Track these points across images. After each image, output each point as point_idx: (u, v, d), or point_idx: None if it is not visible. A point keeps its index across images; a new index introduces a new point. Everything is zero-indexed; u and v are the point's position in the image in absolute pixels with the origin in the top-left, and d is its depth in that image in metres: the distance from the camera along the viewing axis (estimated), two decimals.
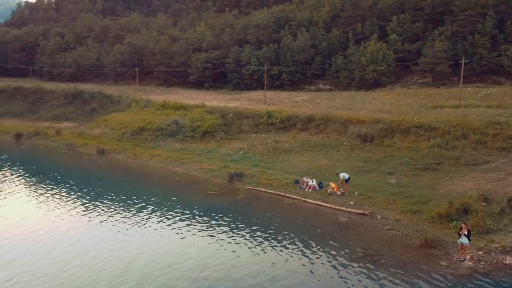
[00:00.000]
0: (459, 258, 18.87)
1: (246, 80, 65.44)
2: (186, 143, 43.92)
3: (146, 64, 76.44)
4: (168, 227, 24.00)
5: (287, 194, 28.72)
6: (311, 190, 28.99)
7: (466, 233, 18.77)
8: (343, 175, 28.36)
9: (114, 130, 51.07)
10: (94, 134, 52.30)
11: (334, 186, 28.54)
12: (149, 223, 24.64)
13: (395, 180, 29.06)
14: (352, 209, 25.38)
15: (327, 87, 61.51)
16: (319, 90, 60.99)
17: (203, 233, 23.02)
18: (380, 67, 55.13)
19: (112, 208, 27.17)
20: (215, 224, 24.25)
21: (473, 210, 22.45)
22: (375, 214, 24.48)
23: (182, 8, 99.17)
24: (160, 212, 26.38)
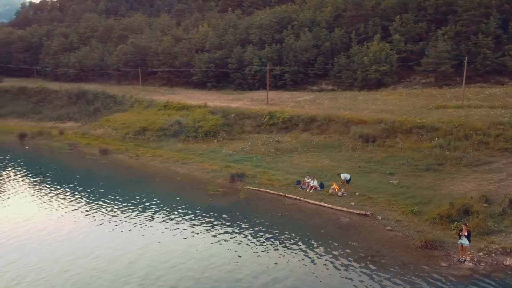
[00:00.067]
0: (460, 259, 18.87)
1: (249, 80, 65.47)
2: (188, 143, 44.02)
3: (149, 64, 76.65)
4: (170, 227, 24.09)
5: (288, 194, 28.75)
6: (312, 190, 29.01)
7: (466, 234, 18.77)
8: (345, 175, 28.37)
9: (117, 130, 51.27)
10: (97, 134, 52.50)
11: (335, 186, 28.57)
12: (151, 223, 24.76)
13: (396, 180, 29.03)
14: (353, 209, 25.38)
15: (330, 87, 61.43)
16: (322, 90, 60.91)
17: (205, 233, 23.12)
18: (382, 67, 55.02)
19: (114, 208, 27.34)
20: (217, 225, 24.34)
21: (474, 211, 22.40)
22: (376, 214, 24.48)
23: (185, 8, 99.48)
24: (162, 212, 26.49)
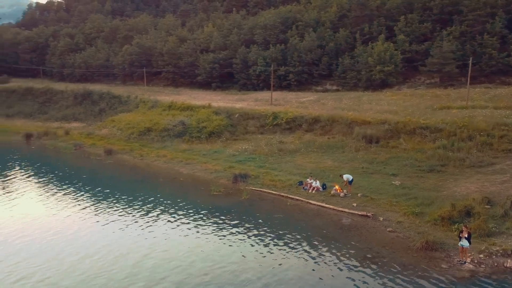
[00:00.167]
0: (460, 261, 18.85)
1: (253, 80, 65.54)
2: (192, 144, 44.19)
3: (154, 65, 76.94)
4: (173, 228, 24.20)
5: (290, 195, 28.79)
6: (315, 191, 29.04)
7: (466, 236, 18.75)
8: (347, 176, 28.37)
9: (122, 130, 51.55)
10: (102, 135, 52.82)
11: (337, 187, 28.59)
12: (155, 223, 24.87)
13: (399, 181, 29.01)
14: (354, 210, 25.39)
15: (334, 87, 61.36)
16: (326, 90, 60.84)
17: (207, 234, 23.21)
18: (387, 67, 54.88)
19: (119, 209, 27.52)
20: (219, 225, 24.44)
21: (475, 212, 22.35)
22: (377, 216, 24.47)
23: (190, 9, 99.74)
24: (165, 213, 26.63)
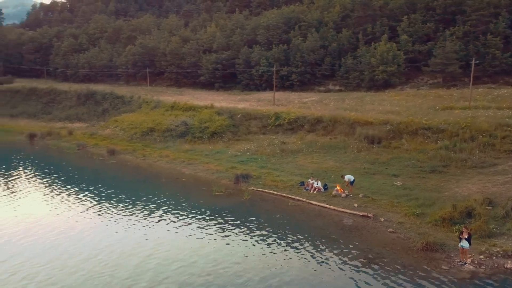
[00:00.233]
0: (460, 262, 18.84)
1: (256, 80, 65.60)
2: (194, 144, 44.28)
3: (157, 65, 77.15)
4: (174, 228, 24.24)
5: (292, 195, 28.82)
6: (316, 192, 29.06)
7: (466, 237, 18.72)
8: (348, 177, 28.36)
9: (125, 130, 51.71)
10: (105, 135, 53.01)
11: (339, 188, 28.60)
12: (157, 224, 24.94)
13: (400, 182, 28.98)
14: (355, 211, 25.39)
15: (337, 87, 61.34)
16: (329, 91, 60.84)
17: (208, 234, 23.24)
18: (390, 67, 54.81)
19: (121, 209, 27.63)
20: (220, 226, 24.51)
21: (476, 213, 22.31)
22: (378, 216, 24.47)
23: (193, 9, 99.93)
24: (167, 213, 26.71)
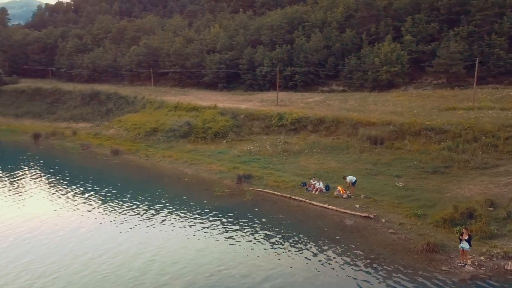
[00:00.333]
0: (460, 263, 18.82)
1: (259, 81, 65.63)
2: (197, 144, 44.43)
3: (161, 65, 77.35)
4: (177, 229, 24.29)
5: (293, 196, 28.86)
6: (318, 192, 29.08)
7: (466, 238, 18.70)
8: (350, 178, 28.34)
9: (129, 131, 51.95)
10: (109, 135, 53.28)
11: (340, 188, 28.62)
12: (159, 225, 25.02)
13: (402, 183, 28.94)
14: (357, 212, 25.40)
15: (340, 88, 61.26)
16: (332, 91, 60.77)
17: (211, 235, 23.31)
18: (393, 68, 54.66)
19: (125, 209, 27.77)
20: (221, 226, 24.59)
21: (477, 214, 22.26)
22: (379, 217, 24.46)
23: (197, 9, 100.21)
24: (169, 214, 26.83)
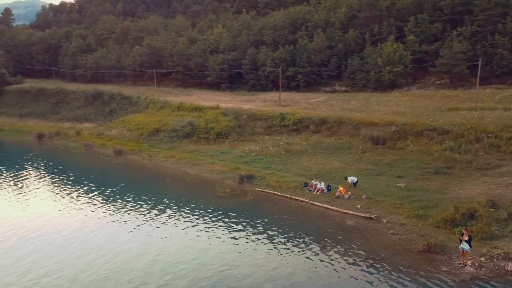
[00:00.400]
0: (460, 264, 18.82)
1: (262, 81, 65.77)
2: (200, 145, 44.55)
3: (164, 66, 77.60)
4: (179, 230, 24.35)
5: (295, 196, 28.89)
6: (320, 193, 29.12)
7: (466, 239, 18.70)
8: (351, 178, 28.34)
9: (131, 131, 52.13)
10: (112, 135, 53.47)
11: (342, 189, 28.64)
12: (161, 225, 25.06)
13: (404, 183, 28.93)
14: (358, 212, 25.41)
15: (343, 88, 61.28)
16: (335, 91, 60.81)
17: (213, 235, 23.38)
18: (396, 68, 54.66)
19: (128, 209, 27.88)
20: (222, 226, 24.68)
21: (478, 215, 22.24)
22: (381, 218, 24.47)
23: (200, 10, 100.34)
24: (172, 214, 26.93)
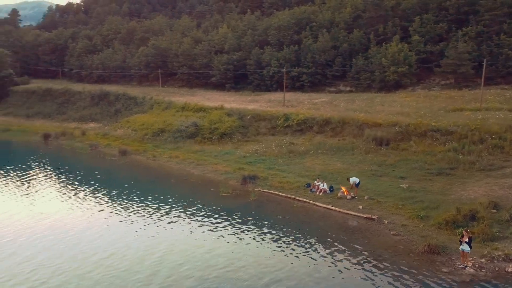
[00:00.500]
0: (461, 265, 18.86)
1: (267, 81, 65.86)
2: (204, 145, 44.76)
3: (169, 66, 77.93)
4: (184, 230, 24.53)
5: (297, 197, 29.01)
6: (322, 193, 29.22)
7: (466, 240, 18.75)
8: (354, 179, 28.43)
9: (136, 131, 52.47)
10: (118, 135, 53.84)
11: (344, 190, 28.72)
12: (168, 225, 25.30)
13: (406, 184, 28.96)
14: (360, 213, 25.49)
15: (348, 88, 61.23)
16: (340, 91, 60.75)
17: (214, 235, 23.59)
18: (401, 68, 54.51)
19: (133, 209, 28.13)
20: (226, 227, 24.85)
21: (480, 217, 22.25)
22: (382, 219, 24.54)
23: (205, 10, 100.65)
24: (176, 214, 27.11)
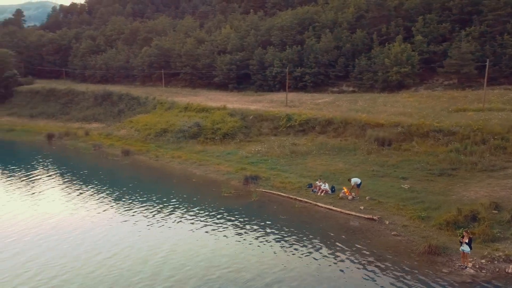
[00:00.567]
0: (461, 266, 18.89)
1: (270, 81, 65.89)
2: (206, 145, 44.88)
3: (172, 66, 78.14)
4: (186, 230, 24.68)
5: (299, 197, 29.09)
6: (323, 194, 29.28)
7: (467, 241, 18.77)
8: (355, 180, 28.48)
9: (139, 131, 52.68)
10: (121, 135, 54.07)
11: (346, 190, 28.75)
12: (171, 225, 25.47)
13: (408, 185, 28.97)
14: (361, 214, 25.54)
15: (350, 89, 61.15)
16: (342, 92, 60.72)
17: (216, 236, 23.70)
18: (404, 68, 54.41)
19: (136, 210, 28.33)
20: (227, 227, 24.95)
21: (481, 217, 22.26)
22: (383, 219, 24.58)
23: (208, 10, 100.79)
24: (179, 214, 27.28)
